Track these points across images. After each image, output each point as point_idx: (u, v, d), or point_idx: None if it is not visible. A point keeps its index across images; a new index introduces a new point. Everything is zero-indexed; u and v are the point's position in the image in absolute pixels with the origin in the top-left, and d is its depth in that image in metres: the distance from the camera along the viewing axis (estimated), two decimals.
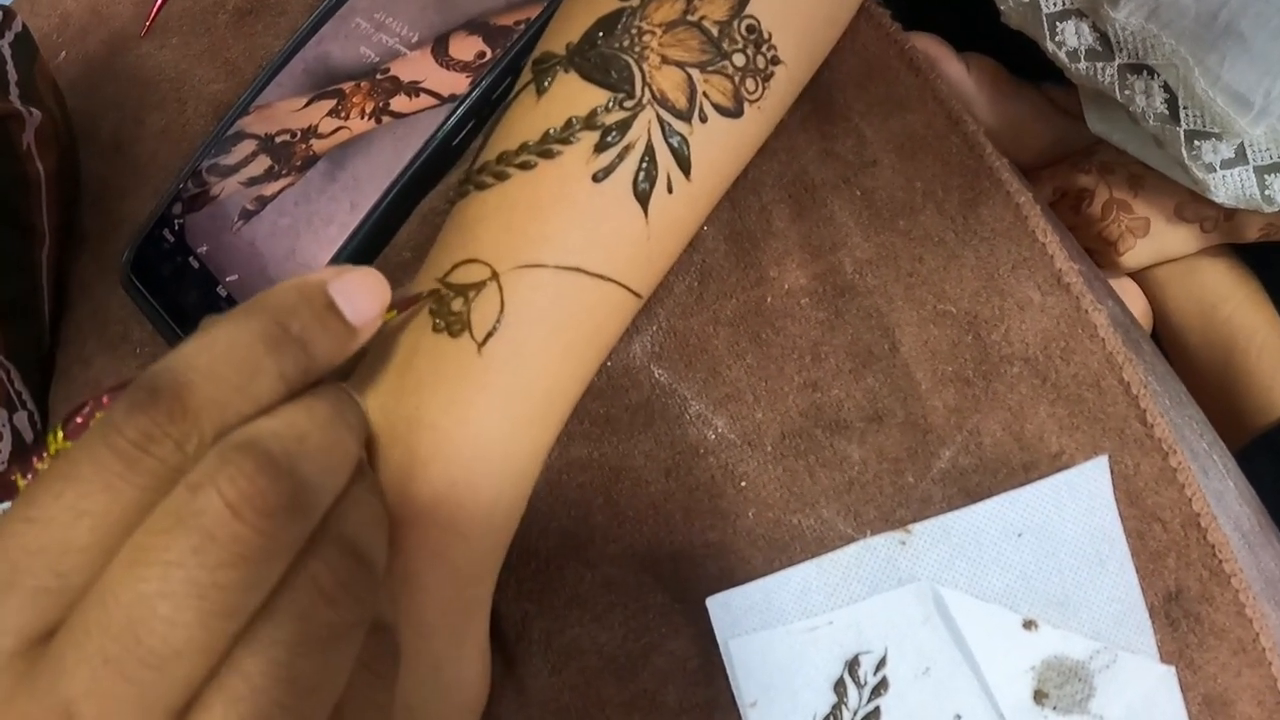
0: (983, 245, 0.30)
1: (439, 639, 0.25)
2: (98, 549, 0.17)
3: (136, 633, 0.16)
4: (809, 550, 0.28)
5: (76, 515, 0.17)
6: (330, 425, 0.20)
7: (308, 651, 0.18)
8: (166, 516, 0.17)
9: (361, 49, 0.36)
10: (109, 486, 0.17)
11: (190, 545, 0.16)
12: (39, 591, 0.17)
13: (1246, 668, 0.27)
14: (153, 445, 0.17)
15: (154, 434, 0.17)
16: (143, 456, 0.17)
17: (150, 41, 0.43)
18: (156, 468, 0.17)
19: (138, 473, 0.17)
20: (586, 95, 0.27)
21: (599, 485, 0.30)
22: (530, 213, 0.26)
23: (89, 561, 0.17)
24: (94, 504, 0.17)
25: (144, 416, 0.17)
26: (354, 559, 0.19)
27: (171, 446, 0.17)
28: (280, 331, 0.20)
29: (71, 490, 0.17)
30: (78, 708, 0.16)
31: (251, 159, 0.36)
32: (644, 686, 0.29)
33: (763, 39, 0.28)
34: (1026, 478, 0.28)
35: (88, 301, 0.40)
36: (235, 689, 0.17)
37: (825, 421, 0.29)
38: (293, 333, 0.20)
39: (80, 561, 0.17)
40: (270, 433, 0.18)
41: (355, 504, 0.20)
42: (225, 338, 0.19)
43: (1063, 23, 0.46)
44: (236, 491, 0.17)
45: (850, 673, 0.28)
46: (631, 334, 0.31)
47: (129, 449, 0.17)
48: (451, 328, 0.26)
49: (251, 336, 0.19)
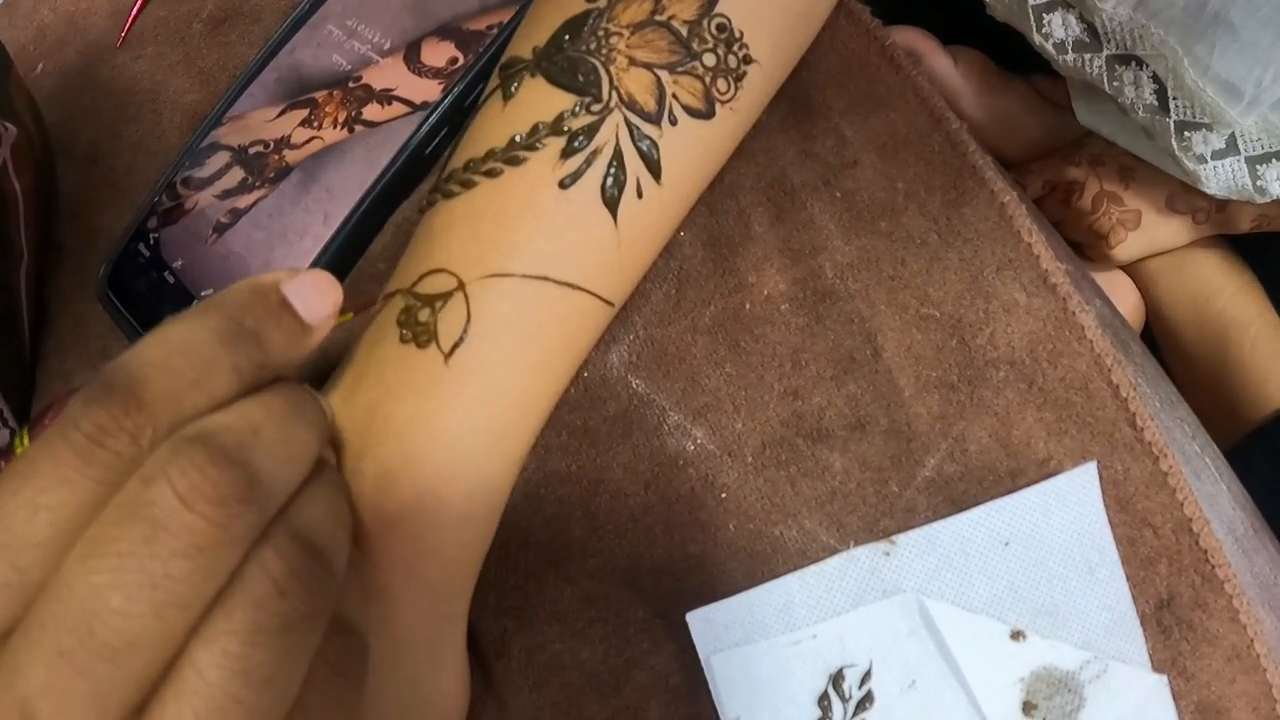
0: (966, 246, 0.30)
1: (414, 653, 0.25)
2: (55, 544, 0.17)
3: (90, 625, 0.16)
4: (791, 562, 0.28)
5: (34, 510, 0.17)
6: (285, 419, 0.20)
7: (261, 642, 0.17)
8: (119, 509, 0.17)
9: (334, 57, 0.35)
10: (65, 480, 0.17)
11: (141, 535, 0.16)
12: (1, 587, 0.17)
13: (1241, 674, 0.27)
14: (107, 439, 0.17)
15: (109, 427, 0.17)
16: (97, 450, 0.17)
17: (126, 52, 0.42)
18: (111, 460, 0.17)
19: (93, 466, 0.17)
20: (553, 100, 0.26)
21: (577, 498, 0.29)
22: (497, 221, 0.26)
23: (46, 556, 0.17)
24: (51, 498, 0.17)
25: (99, 410, 0.18)
26: (307, 551, 0.19)
27: (126, 440, 0.18)
28: (235, 326, 0.20)
29: (29, 486, 0.17)
30: (34, 705, 0.16)
31: (225, 171, 0.35)
32: (626, 703, 0.28)
33: (734, 38, 0.27)
34: (1014, 485, 0.28)
35: (67, 316, 0.39)
36: (189, 681, 0.17)
37: (807, 430, 0.29)
38: (247, 327, 0.20)
39: (38, 556, 0.17)
40: (223, 425, 0.18)
41: (312, 499, 0.20)
42: (181, 333, 0.19)
43: (1050, 14, 0.45)
44: (187, 482, 0.17)
45: (835, 687, 0.27)
46: (608, 343, 0.30)
47: (84, 443, 0.17)
48: (419, 338, 0.26)
49: (206, 332, 0.20)
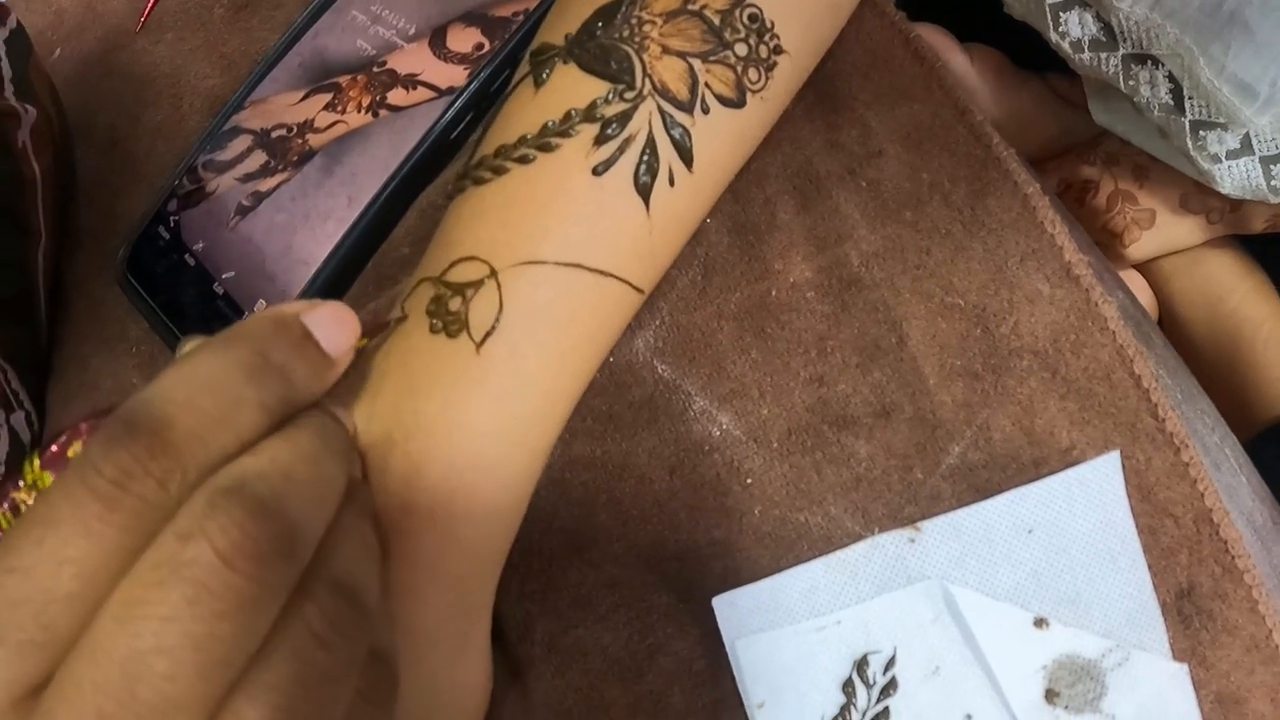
0: (990, 237, 0.30)
1: (440, 647, 0.25)
2: (82, 597, 0.16)
3: (133, 689, 0.15)
4: (816, 548, 0.28)
5: (58, 563, 0.16)
6: (316, 458, 0.19)
7: (305, 694, 0.17)
8: (157, 568, 0.16)
9: (358, 42, 0.35)
10: (89, 530, 0.16)
11: (184, 597, 0.16)
12: (25, 645, 0.16)
13: (1260, 665, 0.27)
14: (132, 483, 0.17)
15: (133, 471, 0.17)
16: (122, 495, 0.17)
17: (145, 37, 0.42)
18: (138, 507, 0.17)
19: (118, 513, 0.17)
20: (585, 87, 0.27)
21: (602, 483, 0.29)
22: (528, 208, 0.26)
23: (74, 611, 0.16)
24: (75, 550, 0.16)
25: (123, 453, 0.17)
26: (345, 599, 0.19)
27: (153, 485, 0.17)
28: (260, 361, 0.19)
29: (51, 536, 0.16)
30: None
31: (247, 154, 0.35)
32: (649, 688, 0.28)
33: (765, 28, 0.27)
34: (1037, 473, 0.28)
35: (84, 300, 0.39)
36: None
37: (832, 417, 0.29)
38: (273, 362, 0.20)
39: (65, 611, 0.16)
40: (257, 473, 0.18)
41: (345, 536, 0.20)
42: (204, 368, 0.19)
43: (1066, 13, 0.45)
44: (228, 541, 0.16)
45: (859, 673, 0.27)
46: (634, 329, 0.30)
47: (108, 488, 0.17)
48: (449, 328, 0.25)
49: (231, 366, 0.19)
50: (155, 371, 0.36)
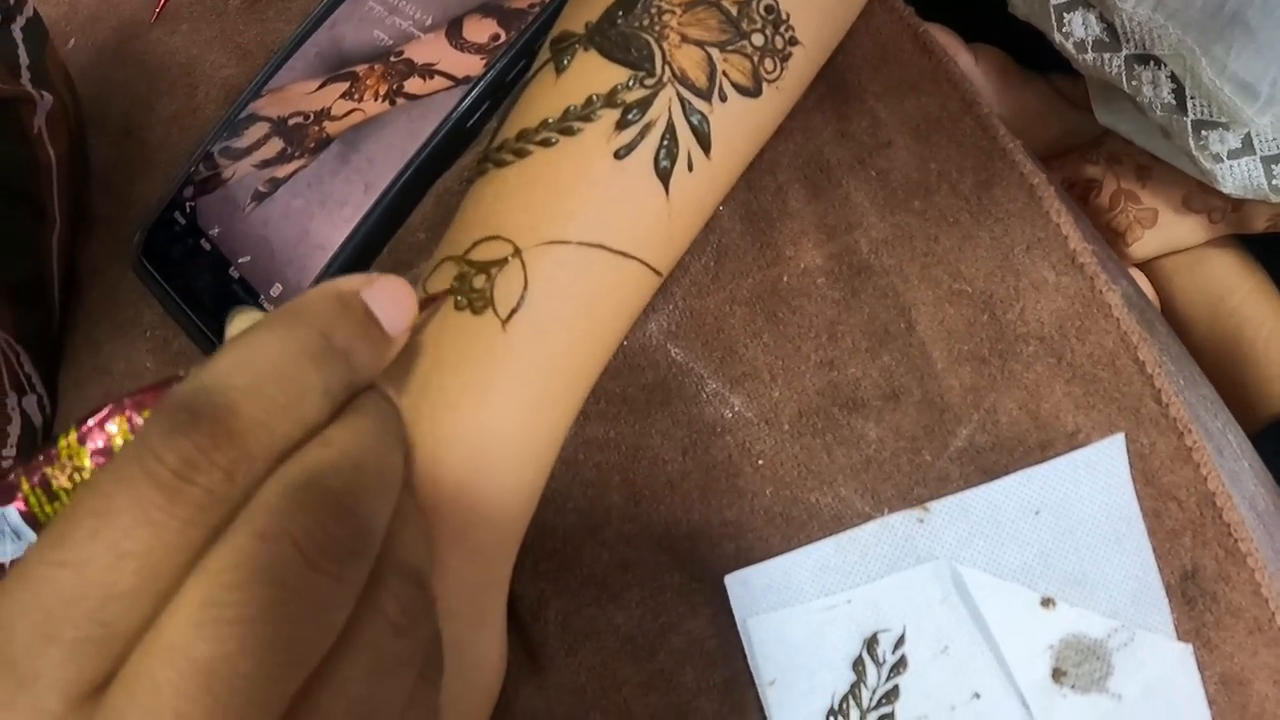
0: (997, 225, 0.31)
1: (460, 621, 0.25)
2: (144, 593, 0.15)
3: (213, 690, 0.15)
4: (827, 529, 0.28)
5: (117, 556, 0.15)
6: (379, 447, 0.19)
7: (381, 681, 0.17)
8: (238, 568, 0.16)
9: (375, 32, 0.36)
10: (151, 521, 0.15)
11: (270, 599, 0.15)
12: (82, 643, 0.15)
13: (1263, 647, 0.27)
14: (198, 474, 0.16)
15: (199, 461, 0.16)
16: (187, 486, 0.16)
17: (160, 28, 0.43)
18: (204, 499, 0.16)
19: (182, 505, 0.16)
20: (607, 73, 0.27)
21: (616, 464, 0.30)
22: (552, 189, 0.26)
23: (136, 607, 0.15)
24: (136, 543, 0.15)
25: (186, 441, 0.16)
26: (415, 585, 0.18)
27: (219, 476, 0.16)
28: (324, 344, 0.18)
29: (109, 528, 0.15)
30: None
31: (264, 141, 0.36)
32: (661, 666, 0.28)
33: (781, 19, 0.28)
34: (1043, 456, 0.28)
35: (98, 285, 0.39)
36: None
37: (842, 400, 0.29)
38: (337, 345, 0.19)
39: (126, 608, 0.15)
40: (332, 467, 0.17)
41: (405, 523, 0.19)
42: (267, 352, 0.18)
43: (1070, 13, 0.46)
44: (313, 541, 0.16)
45: (869, 651, 0.28)
46: (648, 313, 0.31)
47: (171, 479, 0.16)
48: (474, 305, 0.26)
49: (295, 350, 0.18)
50: (168, 356, 0.37)
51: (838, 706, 0.27)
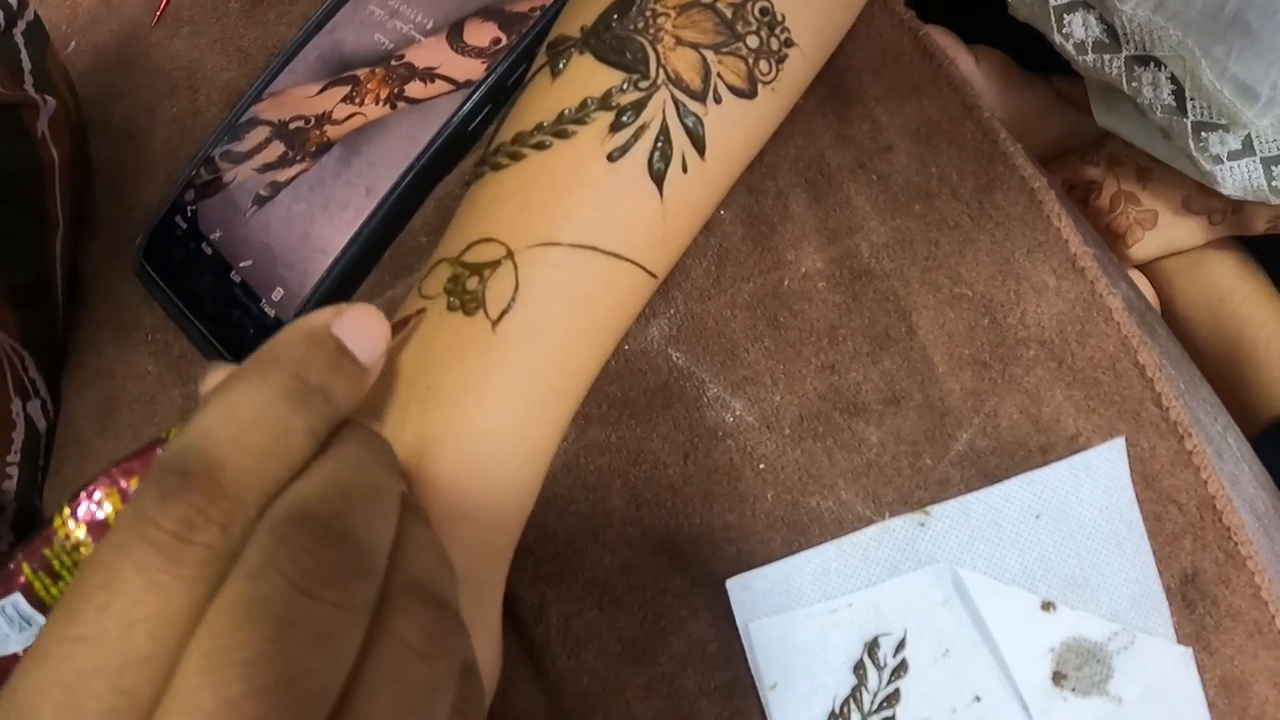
0: (998, 229, 0.31)
1: None
2: (161, 656, 0.16)
3: None
4: (828, 532, 0.28)
5: (128, 624, 0.15)
6: (368, 470, 0.19)
7: (409, 713, 0.17)
8: (233, 612, 0.16)
9: (376, 36, 0.36)
10: (157, 586, 0.16)
11: (266, 637, 0.15)
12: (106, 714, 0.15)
13: (1263, 650, 0.27)
14: (195, 533, 0.16)
15: (194, 520, 0.16)
16: (186, 546, 0.16)
17: (161, 31, 0.43)
18: (204, 555, 0.16)
19: (185, 565, 0.16)
20: (601, 76, 0.27)
21: (617, 468, 0.30)
22: (546, 192, 0.26)
23: (154, 671, 0.16)
24: (145, 609, 0.16)
25: (180, 502, 0.16)
26: (434, 604, 0.18)
27: (216, 531, 0.16)
28: (301, 385, 0.19)
29: (117, 598, 0.16)
30: None
31: (265, 145, 0.36)
32: (663, 670, 0.29)
33: (776, 21, 0.28)
34: (1044, 460, 0.28)
35: (100, 288, 0.40)
36: None
37: (843, 404, 0.29)
38: (313, 384, 0.19)
39: (145, 673, 0.15)
40: (315, 496, 0.17)
41: (414, 543, 0.19)
42: (247, 401, 0.18)
43: (1070, 15, 0.46)
44: (300, 569, 0.16)
45: (870, 655, 0.28)
46: (649, 317, 0.31)
47: (170, 541, 0.16)
48: (466, 306, 0.26)
49: (274, 395, 0.18)
50: (170, 359, 0.37)
51: (839, 710, 0.27)
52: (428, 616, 0.18)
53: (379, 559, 0.18)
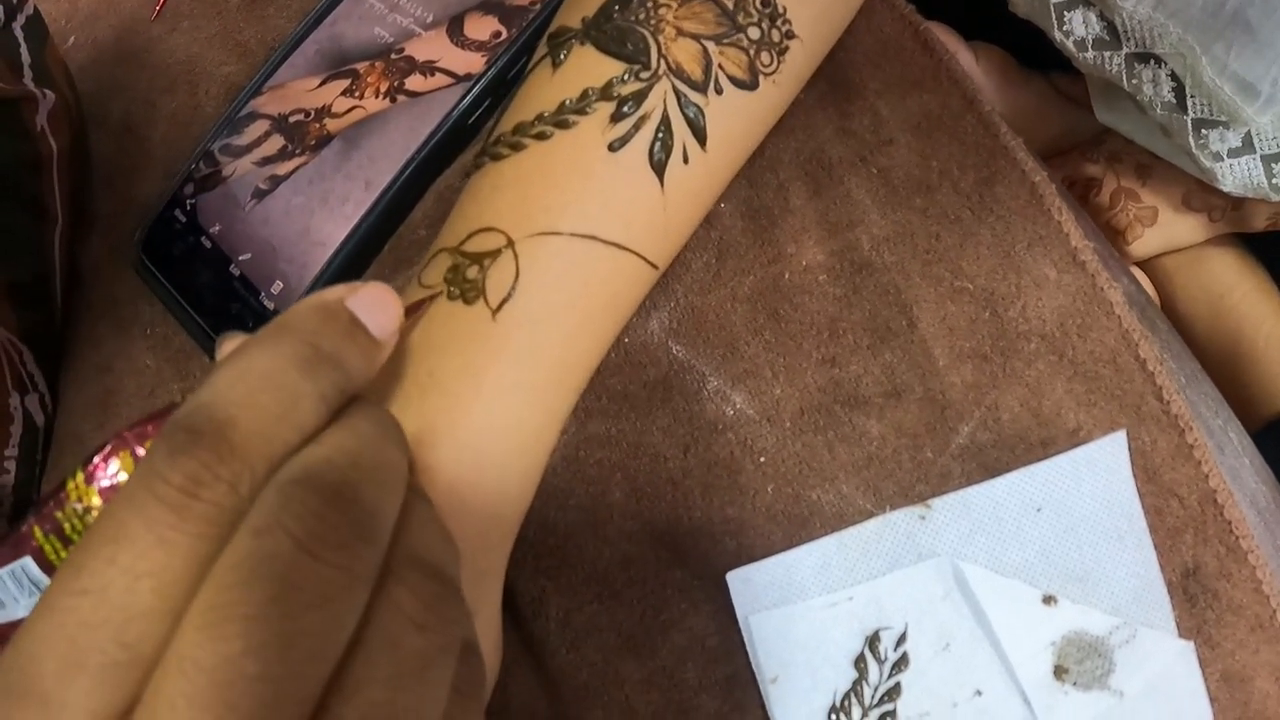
0: (999, 223, 0.31)
1: None
2: (163, 611, 0.16)
3: (227, 696, 0.15)
4: (828, 526, 0.28)
5: (134, 578, 0.15)
6: (377, 442, 0.19)
7: (404, 685, 0.16)
8: (237, 569, 0.16)
9: (375, 29, 0.36)
10: (163, 540, 0.16)
11: (268, 595, 0.15)
12: (108, 667, 0.15)
13: (1264, 644, 0.27)
14: (203, 489, 0.16)
15: (203, 477, 0.16)
16: (194, 503, 0.16)
17: (160, 25, 0.43)
18: (211, 513, 0.16)
19: (192, 521, 0.16)
20: (602, 67, 0.27)
21: (617, 462, 0.30)
22: (546, 181, 0.26)
23: (156, 626, 0.16)
24: (151, 563, 0.16)
25: (189, 459, 0.16)
26: (435, 578, 0.18)
27: (224, 489, 0.16)
28: (313, 352, 0.19)
29: (123, 552, 0.16)
30: None
31: (264, 139, 0.36)
32: (663, 664, 0.28)
33: (778, 13, 0.28)
34: (1045, 453, 0.28)
35: (99, 283, 0.39)
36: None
37: (844, 397, 0.29)
38: (325, 352, 0.19)
39: (147, 628, 0.15)
40: (324, 460, 0.17)
41: (418, 520, 0.19)
42: (258, 365, 0.18)
43: (1070, 12, 0.46)
44: (305, 529, 0.16)
45: (871, 648, 0.27)
46: (649, 310, 0.31)
47: (178, 497, 0.16)
48: (466, 295, 0.26)
49: (285, 360, 0.18)
50: (169, 353, 0.37)
51: (840, 704, 0.27)
52: (427, 588, 0.18)
53: (383, 527, 0.18)
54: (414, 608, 0.17)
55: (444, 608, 0.18)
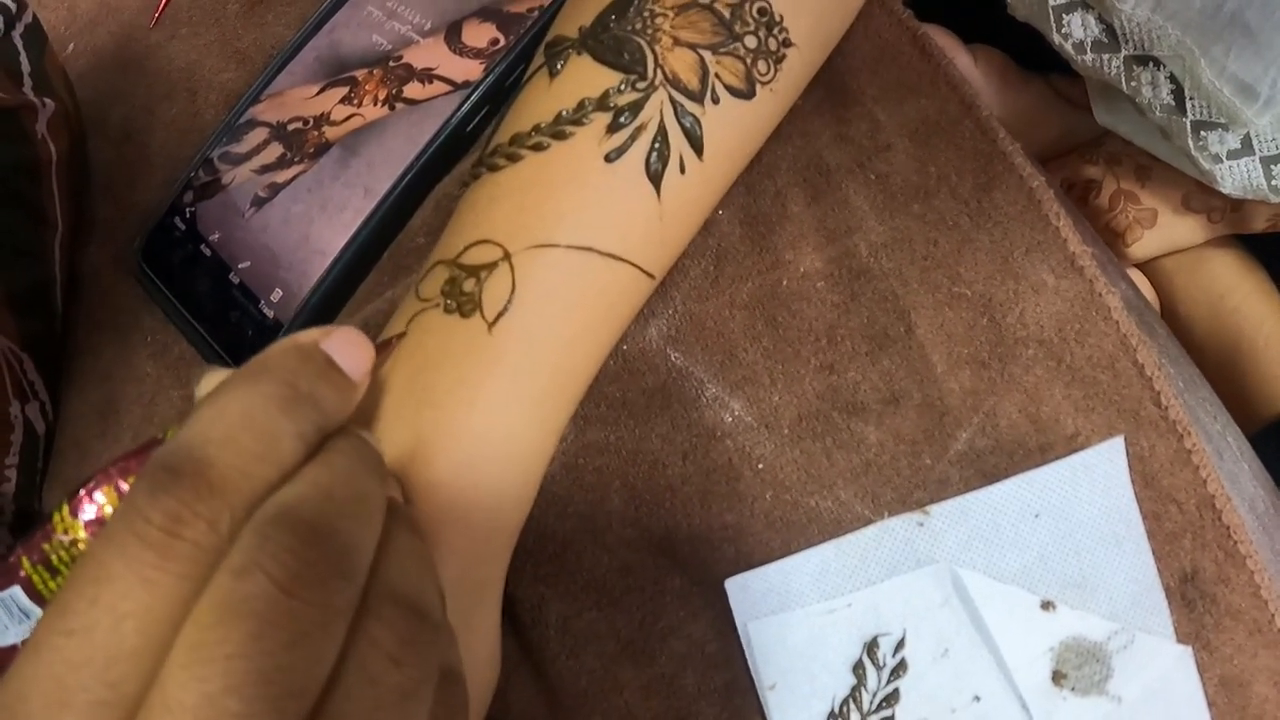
0: (996, 229, 0.31)
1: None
2: (147, 650, 0.16)
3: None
4: (827, 532, 0.28)
5: (118, 618, 0.16)
6: (354, 476, 0.19)
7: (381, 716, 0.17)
8: (217, 609, 0.16)
9: (374, 37, 0.36)
10: (146, 580, 0.16)
11: (248, 633, 0.16)
12: (94, 706, 0.15)
13: (1263, 649, 0.27)
14: (184, 528, 0.16)
15: (183, 516, 0.17)
16: (175, 542, 0.16)
17: (159, 33, 0.43)
18: (192, 552, 0.16)
19: (173, 560, 0.16)
20: (599, 77, 0.27)
21: (616, 469, 0.30)
22: (543, 193, 0.26)
23: (141, 666, 0.16)
24: (134, 603, 0.16)
25: (169, 498, 0.17)
26: (411, 612, 0.18)
27: (204, 527, 0.17)
28: (291, 392, 0.19)
29: (106, 592, 0.16)
30: None
31: (263, 147, 0.36)
32: (662, 670, 0.28)
33: (774, 21, 0.28)
34: (1043, 459, 0.28)
35: (98, 290, 0.40)
36: None
37: (842, 404, 0.29)
38: (303, 391, 0.20)
39: (132, 667, 0.16)
40: (300, 498, 0.18)
41: (397, 551, 0.19)
42: (237, 404, 0.19)
43: (1069, 14, 0.46)
44: (283, 568, 0.16)
45: (869, 655, 0.28)
46: (647, 317, 0.31)
47: (159, 536, 0.16)
48: (463, 308, 0.26)
49: (264, 399, 0.19)
50: (169, 361, 0.37)
51: (838, 710, 0.27)
52: (404, 623, 0.18)
53: (361, 562, 0.18)
54: (391, 644, 0.17)
55: (421, 642, 0.18)
